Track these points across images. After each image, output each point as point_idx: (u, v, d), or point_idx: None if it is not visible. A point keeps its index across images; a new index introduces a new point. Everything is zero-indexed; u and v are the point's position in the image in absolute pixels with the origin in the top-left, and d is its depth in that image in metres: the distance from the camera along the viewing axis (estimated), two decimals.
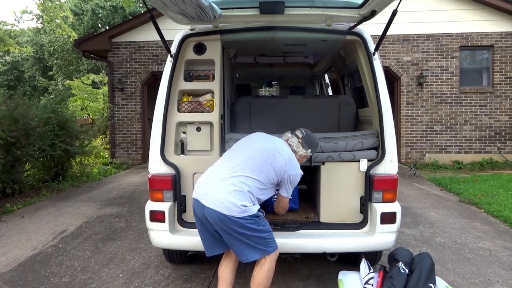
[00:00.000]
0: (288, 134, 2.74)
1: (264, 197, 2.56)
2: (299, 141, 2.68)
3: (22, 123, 6.42)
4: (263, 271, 2.45)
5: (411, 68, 9.96)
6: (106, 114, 11.17)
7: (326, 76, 6.34)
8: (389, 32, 3.12)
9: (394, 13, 2.66)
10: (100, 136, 11.29)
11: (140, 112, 10.58)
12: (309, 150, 2.70)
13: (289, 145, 2.67)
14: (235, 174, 2.44)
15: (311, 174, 3.75)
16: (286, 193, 2.66)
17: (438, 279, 2.70)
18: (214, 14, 2.90)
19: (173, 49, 3.10)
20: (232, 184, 2.40)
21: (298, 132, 2.73)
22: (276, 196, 2.86)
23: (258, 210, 2.46)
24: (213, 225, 2.42)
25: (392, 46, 9.93)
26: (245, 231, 2.36)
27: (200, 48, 3.14)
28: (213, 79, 3.17)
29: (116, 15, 23.38)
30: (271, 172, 2.51)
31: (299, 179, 2.63)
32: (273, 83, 7.72)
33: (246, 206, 2.36)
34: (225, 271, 2.61)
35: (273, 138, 2.72)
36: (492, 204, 5.65)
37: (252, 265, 3.58)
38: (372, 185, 2.94)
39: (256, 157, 2.53)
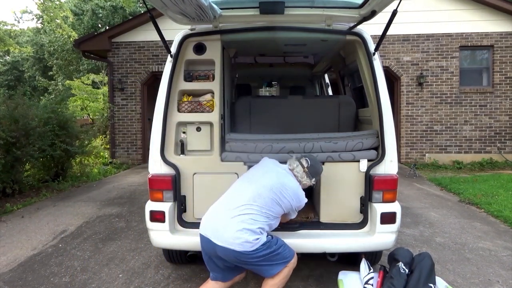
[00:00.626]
0: (294, 163, 2.72)
1: (273, 226, 2.62)
2: (304, 171, 2.69)
3: (22, 123, 6.42)
4: (281, 275, 2.52)
5: (411, 68, 9.96)
6: (106, 114, 11.17)
7: (326, 76, 6.34)
8: (389, 32, 3.12)
9: (394, 13, 2.66)
10: (100, 136, 11.29)
11: (140, 112, 10.58)
12: (313, 180, 2.74)
13: (294, 175, 2.69)
14: (245, 212, 2.46)
15: None
16: (293, 215, 2.78)
17: (438, 279, 2.70)
18: (214, 14, 2.90)
19: (173, 49, 3.09)
20: (242, 221, 2.42)
21: (303, 161, 2.72)
22: None
23: (267, 235, 2.51)
24: (226, 261, 2.49)
25: (392, 46, 9.93)
26: (262, 257, 2.43)
27: (200, 48, 3.14)
28: (213, 79, 3.17)
29: (116, 15, 23.39)
30: (278, 208, 2.57)
31: (303, 206, 2.73)
32: (273, 83, 7.73)
33: (257, 239, 2.41)
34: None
35: (278, 170, 2.71)
36: (492, 204, 5.65)
37: None
38: (372, 185, 2.93)
39: (264, 195, 2.54)
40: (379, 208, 2.91)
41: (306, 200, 2.71)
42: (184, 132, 3.21)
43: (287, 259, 2.53)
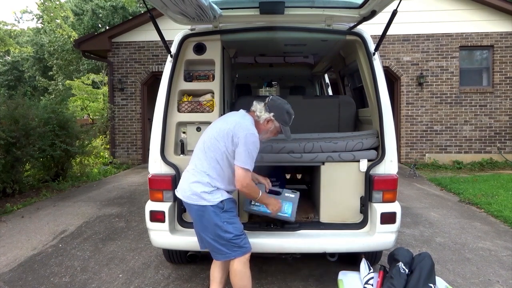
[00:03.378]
0: (256, 105, 2.59)
1: (226, 181, 2.51)
2: (263, 106, 2.56)
3: (22, 123, 6.42)
4: (232, 275, 2.48)
5: (411, 68, 9.96)
6: (106, 114, 11.17)
7: (326, 76, 6.34)
8: (389, 32, 3.12)
9: (394, 13, 2.66)
10: (100, 136, 11.29)
11: (140, 112, 10.58)
12: (272, 114, 2.52)
13: (251, 112, 2.57)
14: (195, 163, 2.52)
15: (311, 174, 3.75)
16: (239, 161, 2.40)
17: (438, 279, 2.70)
18: (214, 14, 2.90)
19: (173, 49, 3.09)
20: (193, 174, 2.50)
21: (266, 99, 2.62)
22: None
23: (222, 202, 2.46)
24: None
25: (392, 46, 9.93)
26: (213, 226, 2.43)
27: (200, 48, 3.14)
28: (213, 79, 3.17)
29: (116, 15, 23.40)
30: (220, 145, 2.44)
31: (254, 141, 2.42)
32: (273, 83, 7.72)
33: (205, 193, 2.43)
34: (215, 271, 2.67)
35: (231, 113, 2.66)
36: (492, 204, 5.65)
37: (251, 263, 3.58)
38: (372, 185, 2.93)
39: (207, 140, 2.51)
40: (379, 208, 2.91)
41: (255, 133, 2.44)
42: (184, 132, 3.21)
43: (238, 251, 2.44)
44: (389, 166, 2.98)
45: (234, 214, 2.54)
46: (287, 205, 2.97)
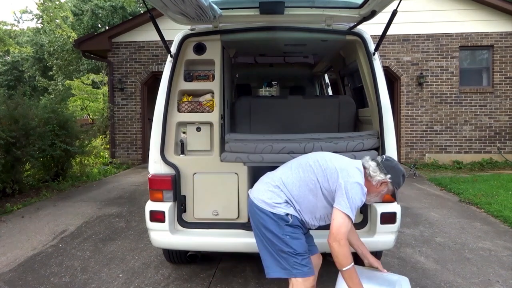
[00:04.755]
0: (367, 162, 2.28)
1: (307, 215, 2.29)
2: (377, 165, 2.23)
3: (22, 123, 6.42)
4: None
5: (411, 68, 9.96)
6: (106, 114, 11.18)
7: (326, 76, 6.34)
8: (389, 32, 3.12)
9: (394, 13, 2.66)
10: (100, 136, 11.30)
11: (140, 112, 10.58)
12: (388, 176, 2.20)
13: (364, 167, 2.25)
14: (274, 178, 2.34)
15: None
16: (345, 207, 2.07)
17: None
18: (214, 14, 2.90)
19: (173, 49, 3.09)
20: (269, 183, 2.32)
21: (378, 158, 2.32)
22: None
23: (288, 215, 2.21)
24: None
25: (392, 46, 9.93)
26: (270, 234, 2.19)
27: (200, 48, 3.14)
28: (213, 79, 3.17)
29: (116, 15, 23.40)
30: (320, 173, 2.22)
31: (359, 194, 2.12)
32: (273, 83, 7.72)
33: (275, 204, 2.21)
34: None
35: (340, 157, 2.37)
36: (492, 204, 5.65)
37: (251, 263, 3.59)
38: None
39: (311, 156, 2.36)
40: (379, 208, 2.91)
41: (361, 185, 2.13)
42: (184, 132, 3.21)
43: (296, 270, 2.14)
44: None
45: (300, 231, 2.25)
46: None
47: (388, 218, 2.90)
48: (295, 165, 2.36)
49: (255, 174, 3.06)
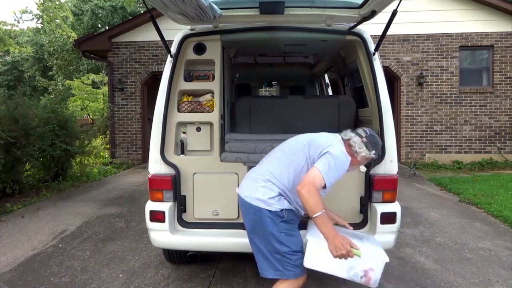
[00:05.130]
0: (349, 134, 2.34)
1: (293, 196, 2.30)
2: (362, 141, 2.28)
3: (22, 123, 6.42)
4: None
5: (411, 68, 9.96)
6: (106, 114, 11.18)
7: (326, 76, 6.34)
8: (389, 32, 3.12)
9: (394, 13, 2.66)
10: (100, 136, 11.30)
11: (140, 112, 10.58)
12: (373, 152, 2.28)
13: (350, 145, 2.29)
14: (265, 169, 2.35)
15: None
16: (322, 167, 2.10)
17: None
18: (214, 14, 2.90)
19: (173, 49, 3.09)
20: (260, 177, 2.32)
21: (360, 131, 2.34)
22: None
23: (283, 211, 2.23)
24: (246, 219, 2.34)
25: (392, 46, 9.93)
26: (267, 233, 2.18)
27: (200, 48, 3.14)
28: (213, 79, 3.17)
29: (116, 15, 23.39)
30: (306, 153, 2.25)
31: (344, 162, 2.17)
32: (273, 83, 7.72)
33: (270, 198, 2.22)
34: None
35: (320, 133, 2.43)
36: (492, 204, 5.65)
37: (251, 263, 3.58)
38: (372, 185, 2.93)
39: (294, 141, 2.37)
40: (379, 208, 2.91)
41: (344, 153, 2.19)
42: (184, 132, 3.21)
43: (289, 271, 2.16)
44: (389, 166, 2.98)
45: (295, 227, 2.29)
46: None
47: (388, 218, 2.90)
48: (279, 154, 2.37)
49: None
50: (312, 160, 2.22)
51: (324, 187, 2.11)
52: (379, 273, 2.11)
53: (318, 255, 2.13)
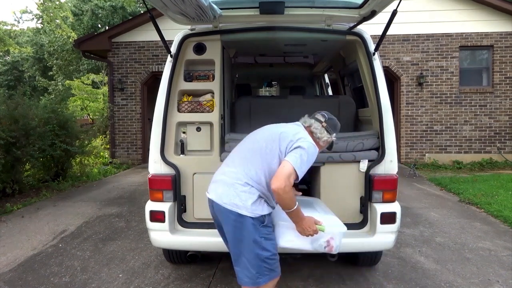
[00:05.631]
0: (309, 120, 2.38)
1: (268, 194, 2.29)
2: (322, 126, 2.34)
3: (22, 123, 6.42)
4: None
5: (411, 68, 9.96)
6: (106, 114, 11.18)
7: (326, 76, 6.34)
8: (389, 32, 3.13)
9: (394, 13, 2.66)
10: (100, 136, 11.30)
11: (140, 112, 10.58)
12: (334, 135, 2.38)
13: (311, 132, 2.35)
14: (238, 171, 2.27)
15: (311, 174, 3.75)
16: (291, 158, 2.12)
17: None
18: (214, 14, 2.90)
19: (173, 49, 3.10)
20: (232, 184, 2.25)
21: (319, 116, 2.38)
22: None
23: (264, 216, 2.21)
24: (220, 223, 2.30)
25: (392, 46, 9.93)
26: (250, 239, 2.14)
27: (200, 48, 3.14)
28: (213, 79, 3.17)
29: (116, 15, 23.39)
30: (276, 148, 2.21)
31: (314, 153, 2.21)
32: (273, 83, 7.72)
33: (252, 203, 2.17)
34: None
35: (283, 124, 2.42)
36: (492, 204, 5.65)
37: None
38: (372, 185, 2.93)
39: (259, 139, 2.32)
40: (379, 208, 2.91)
41: (313, 144, 2.23)
42: (184, 132, 3.21)
43: (265, 277, 2.16)
44: (389, 166, 2.98)
45: (272, 230, 2.29)
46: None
47: (388, 218, 2.90)
48: (249, 155, 2.29)
49: None
50: (284, 154, 2.20)
51: (296, 179, 2.14)
52: (339, 240, 2.35)
53: (288, 235, 2.33)
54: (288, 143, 2.21)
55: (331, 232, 2.32)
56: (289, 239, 2.33)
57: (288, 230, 2.31)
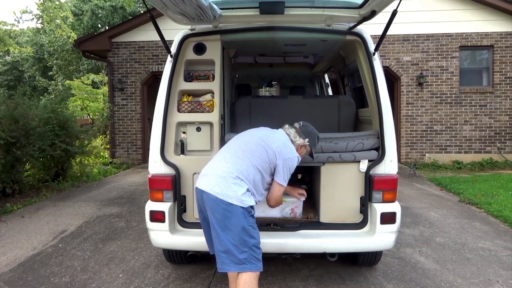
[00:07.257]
0: (287, 128, 2.76)
1: (260, 191, 2.59)
2: (296, 131, 2.70)
3: (22, 123, 6.42)
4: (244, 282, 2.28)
5: (411, 68, 9.96)
6: (106, 114, 11.18)
7: (326, 76, 6.34)
8: (389, 32, 3.12)
9: (394, 13, 2.66)
10: (100, 136, 11.29)
11: (140, 112, 10.58)
12: (307, 140, 2.68)
13: (288, 134, 2.70)
14: (232, 167, 2.48)
15: (311, 174, 3.75)
16: (283, 180, 2.59)
17: None
18: (214, 14, 2.90)
19: (173, 49, 3.10)
20: (228, 174, 2.45)
21: (296, 124, 2.77)
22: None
23: (252, 207, 2.43)
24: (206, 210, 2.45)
25: (392, 46, 9.93)
26: (238, 227, 2.31)
27: (200, 48, 3.14)
28: (213, 79, 3.17)
29: (116, 15, 23.39)
30: (265, 155, 2.53)
31: (296, 164, 2.61)
32: (273, 83, 7.72)
33: (242, 194, 2.37)
34: None
35: (270, 129, 2.78)
36: (492, 204, 5.65)
37: None
38: (372, 185, 2.93)
39: (249, 141, 2.59)
40: (379, 208, 2.91)
41: (299, 156, 2.63)
42: (184, 132, 3.21)
43: (251, 264, 2.31)
44: (389, 166, 2.98)
45: (255, 221, 2.50)
46: None
47: (388, 218, 2.90)
48: (240, 154, 2.53)
49: None
50: (274, 165, 2.56)
51: None
52: (301, 207, 3.18)
53: (261, 207, 2.95)
54: (278, 154, 2.55)
55: (295, 202, 3.14)
56: (262, 209, 2.99)
57: (261, 204, 2.80)
